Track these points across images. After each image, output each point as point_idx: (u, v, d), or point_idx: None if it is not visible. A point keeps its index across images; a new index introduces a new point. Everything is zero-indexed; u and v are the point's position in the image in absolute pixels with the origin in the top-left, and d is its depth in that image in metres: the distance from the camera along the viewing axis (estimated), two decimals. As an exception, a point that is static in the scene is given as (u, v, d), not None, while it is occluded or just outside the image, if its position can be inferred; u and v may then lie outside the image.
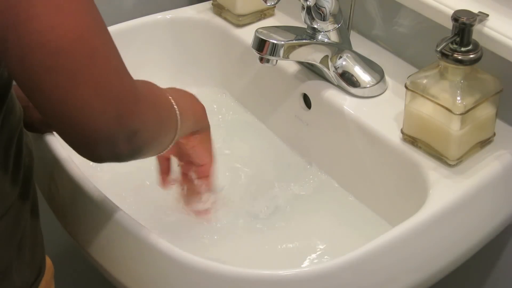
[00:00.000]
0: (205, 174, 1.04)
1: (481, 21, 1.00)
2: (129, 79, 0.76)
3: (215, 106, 1.24)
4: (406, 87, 1.03)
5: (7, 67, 0.72)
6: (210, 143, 1.02)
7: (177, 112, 0.89)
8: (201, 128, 1.00)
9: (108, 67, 0.73)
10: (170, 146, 0.91)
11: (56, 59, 0.70)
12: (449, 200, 0.97)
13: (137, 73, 1.30)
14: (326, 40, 1.12)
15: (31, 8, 0.68)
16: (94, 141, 0.74)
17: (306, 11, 1.10)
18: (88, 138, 0.74)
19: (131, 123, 0.75)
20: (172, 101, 0.89)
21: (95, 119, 0.72)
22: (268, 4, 1.11)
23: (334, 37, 1.12)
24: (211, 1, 1.31)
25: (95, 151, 0.76)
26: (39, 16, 0.69)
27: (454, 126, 0.99)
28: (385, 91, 1.14)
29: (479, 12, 1.00)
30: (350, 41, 1.15)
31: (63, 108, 0.72)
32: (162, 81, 1.27)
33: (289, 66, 1.18)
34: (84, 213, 1.00)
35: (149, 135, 0.79)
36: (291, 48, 1.08)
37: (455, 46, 0.98)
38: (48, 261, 0.94)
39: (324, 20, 1.10)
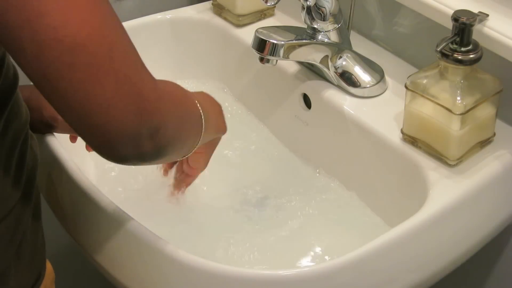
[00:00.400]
0: (191, 175, 1.05)
1: (481, 21, 1.00)
2: (149, 75, 0.74)
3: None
4: (406, 87, 1.03)
5: (23, 68, 0.70)
6: (212, 153, 1.03)
7: (202, 115, 0.87)
8: (217, 137, 1.00)
9: (127, 62, 0.71)
10: (195, 149, 0.89)
11: (73, 54, 0.68)
12: (449, 200, 0.97)
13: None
14: (326, 40, 1.12)
15: (42, 5, 0.67)
16: (116, 139, 0.71)
17: (306, 11, 1.10)
18: (110, 136, 0.71)
19: (153, 119, 0.73)
20: (198, 104, 0.87)
21: (116, 116, 0.70)
22: (268, 4, 1.11)
23: (334, 37, 1.12)
24: (211, 1, 1.31)
25: (118, 151, 0.73)
26: (52, 12, 0.67)
27: (454, 126, 0.99)
28: (385, 91, 1.14)
29: (479, 12, 1.00)
30: (350, 41, 1.15)
31: (83, 106, 0.70)
32: (162, 81, 1.28)
33: (289, 66, 1.18)
34: (84, 213, 1.00)
35: (172, 133, 0.77)
36: (291, 48, 1.08)
37: (455, 46, 0.98)
38: (49, 266, 0.93)
39: (324, 20, 1.10)
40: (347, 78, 1.13)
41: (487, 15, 1.00)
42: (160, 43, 1.29)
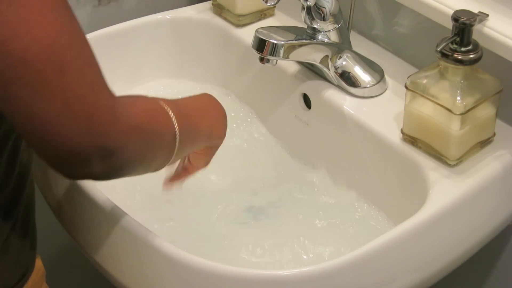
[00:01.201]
0: (189, 172, 1.01)
1: (481, 21, 1.00)
2: (107, 96, 0.71)
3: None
4: (406, 87, 1.03)
5: None
6: (213, 154, 0.99)
7: (177, 132, 0.83)
8: (214, 144, 0.97)
9: (80, 82, 0.69)
10: (166, 165, 0.87)
11: (20, 70, 0.67)
12: (449, 200, 0.97)
13: (137, 73, 1.30)
14: (326, 40, 1.12)
15: None
16: (64, 158, 0.70)
17: (306, 11, 1.10)
18: (58, 154, 0.70)
19: (105, 142, 0.71)
20: (174, 119, 0.83)
21: (63, 135, 0.69)
22: (268, 4, 1.11)
23: (334, 37, 1.12)
24: (211, 1, 1.31)
25: (66, 168, 0.72)
26: (2, 25, 0.66)
27: (454, 126, 0.99)
28: (385, 91, 1.14)
29: (479, 12, 1.00)
30: (350, 41, 1.15)
31: (30, 121, 0.69)
32: (162, 81, 1.28)
33: (289, 66, 1.18)
34: (82, 211, 1.00)
35: (130, 156, 0.75)
36: (291, 48, 1.08)
37: (455, 46, 0.98)
38: (38, 262, 0.91)
39: (324, 20, 1.10)
40: (347, 78, 1.13)
41: (487, 15, 1.00)
42: (160, 43, 1.29)
